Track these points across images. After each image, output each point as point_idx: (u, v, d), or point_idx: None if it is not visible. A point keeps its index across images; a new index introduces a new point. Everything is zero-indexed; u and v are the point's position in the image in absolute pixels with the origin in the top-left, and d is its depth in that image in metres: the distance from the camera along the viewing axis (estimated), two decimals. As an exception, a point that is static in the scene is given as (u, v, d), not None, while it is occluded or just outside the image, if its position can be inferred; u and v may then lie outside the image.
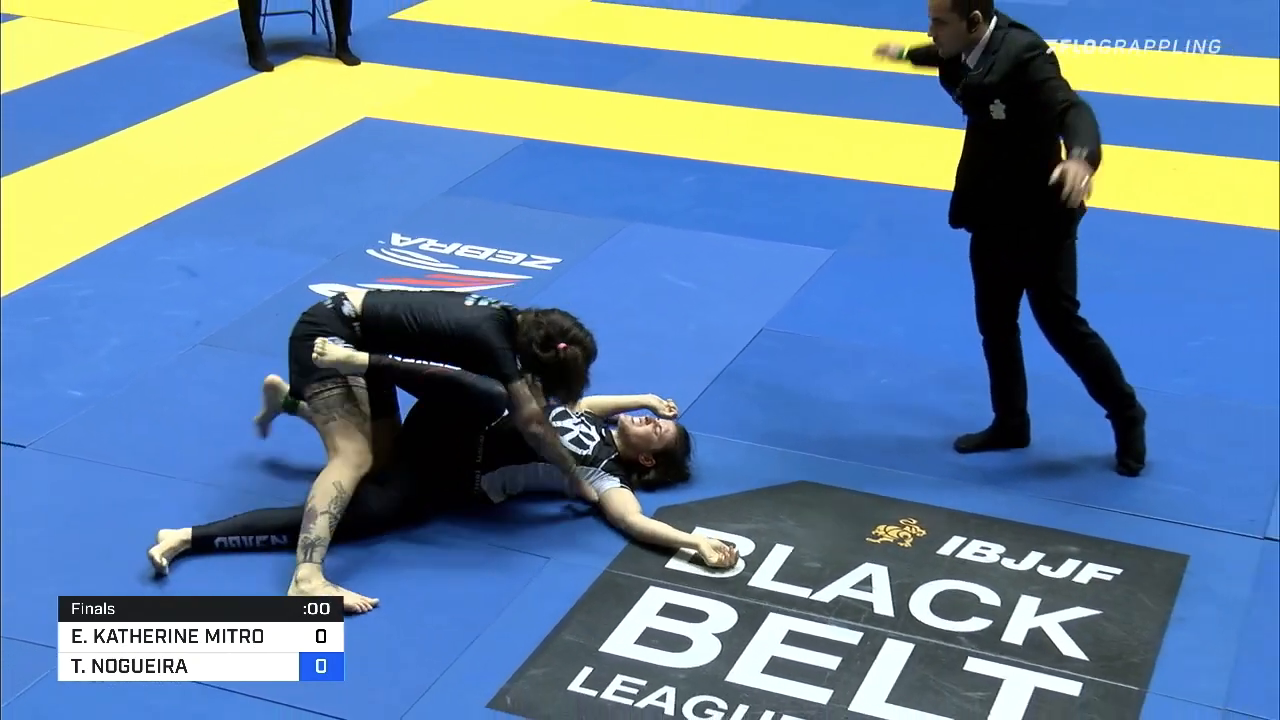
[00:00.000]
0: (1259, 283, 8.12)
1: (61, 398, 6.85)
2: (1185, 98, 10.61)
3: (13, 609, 5.47)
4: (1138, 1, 12.62)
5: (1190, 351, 7.43)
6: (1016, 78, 6.03)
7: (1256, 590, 5.75)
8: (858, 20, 12.26)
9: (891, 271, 8.15)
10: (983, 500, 6.25)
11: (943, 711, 5.09)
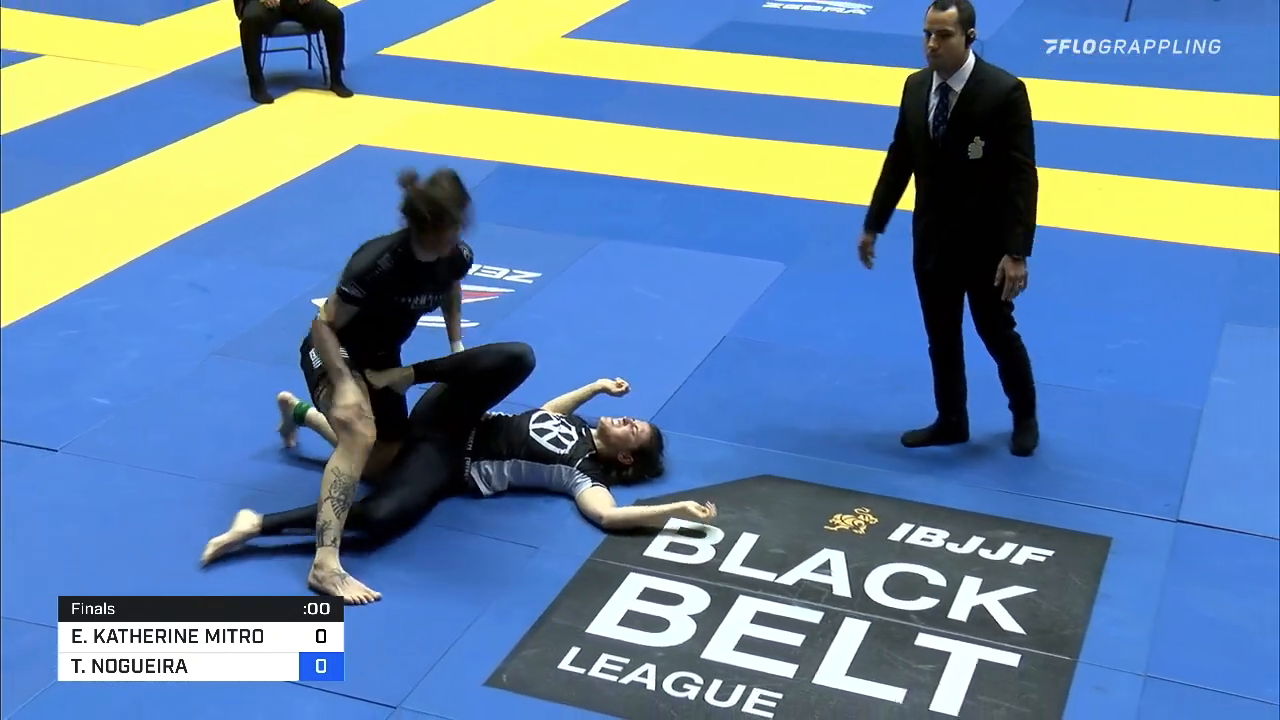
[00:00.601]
0: (1172, 292, 8.17)
1: (88, 405, 6.85)
2: (1107, 125, 10.71)
3: (45, 599, 5.39)
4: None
5: (1111, 353, 7.47)
6: (1005, 115, 6.04)
7: (1171, 568, 5.82)
8: (803, 54, 12.31)
9: (840, 283, 8.13)
10: (928, 490, 6.30)
11: (897, 683, 5.15)
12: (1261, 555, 5.92)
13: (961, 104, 6.09)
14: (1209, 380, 7.23)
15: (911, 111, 6.30)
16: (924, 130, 6.21)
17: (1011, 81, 6.08)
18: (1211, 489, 6.34)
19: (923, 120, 6.22)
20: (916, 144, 6.29)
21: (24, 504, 6.12)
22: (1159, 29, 12.97)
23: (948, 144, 6.14)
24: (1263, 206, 9.28)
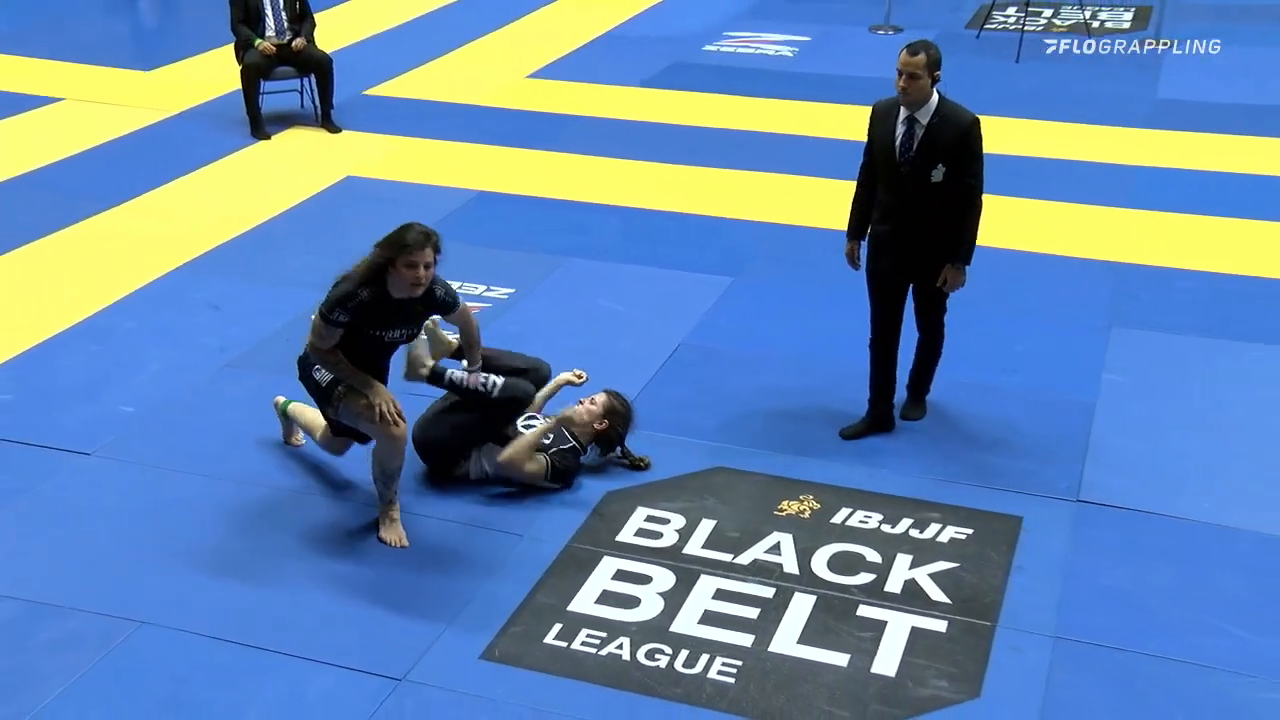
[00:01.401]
0: (1064, 300, 8.22)
1: (115, 413, 6.82)
2: (1000, 153, 10.75)
3: (85, 587, 5.52)
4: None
5: (1015, 355, 7.50)
6: (963, 148, 6.19)
7: (1073, 542, 5.88)
8: (739, 91, 12.31)
9: (781, 294, 8.16)
10: (864, 479, 6.32)
11: (841, 649, 5.20)
12: (1150, 529, 6.00)
13: (927, 135, 6.22)
14: (1100, 377, 7.27)
15: (880, 137, 6.41)
16: (891, 154, 6.33)
17: (970, 117, 6.24)
18: (1106, 472, 6.40)
19: (891, 146, 6.33)
20: (882, 165, 6.39)
21: (62, 502, 6.12)
22: (1046, 69, 13.13)
23: (914, 168, 6.27)
24: (1138, 225, 9.35)
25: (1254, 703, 4.99)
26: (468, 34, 14.24)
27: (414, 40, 13.98)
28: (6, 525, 5.94)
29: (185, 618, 5.34)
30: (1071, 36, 14.30)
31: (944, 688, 5.03)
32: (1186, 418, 6.90)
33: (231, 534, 5.89)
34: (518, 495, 6.17)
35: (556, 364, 7.11)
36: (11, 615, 5.33)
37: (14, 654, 5.12)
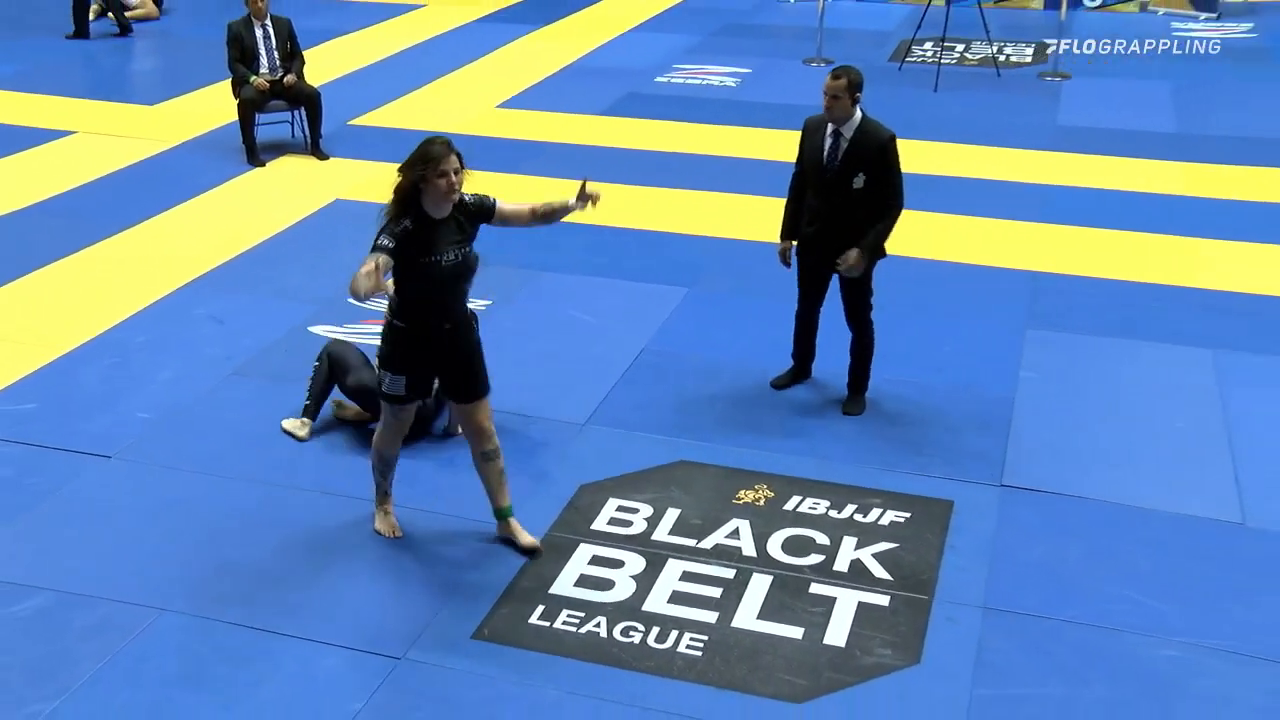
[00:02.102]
0: (983, 305, 8.25)
1: (132, 419, 6.76)
2: (922, 173, 10.83)
3: (112, 578, 5.49)
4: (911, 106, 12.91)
5: (942, 355, 7.53)
6: (881, 159, 6.38)
7: (998, 522, 5.93)
8: (688, 118, 12.34)
9: (731, 302, 8.18)
10: (813, 469, 6.35)
11: (796, 623, 5.23)
12: (1066, 510, 6.05)
13: (850, 148, 6.41)
14: (1018, 374, 7.31)
15: (809, 148, 6.59)
16: (819, 163, 6.50)
17: (887, 133, 6.43)
18: (1026, 459, 6.44)
19: (819, 156, 6.50)
20: (811, 173, 6.56)
21: (87, 501, 6.08)
22: (960, 98, 13.19)
23: (838, 176, 6.44)
24: (1046, 237, 9.40)
25: (1155, 659, 5.08)
26: (442, 68, 14.19)
27: (394, 75, 13.92)
28: (38, 523, 5.90)
29: (202, 604, 5.32)
30: (981, 69, 14.41)
31: (888, 655, 5.07)
32: (1095, 409, 6.95)
33: (241, 528, 5.86)
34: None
35: (531, 367, 7.22)
36: (46, 604, 5.31)
37: (51, 640, 5.10)
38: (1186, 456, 6.48)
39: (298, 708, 4.79)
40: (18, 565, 5.57)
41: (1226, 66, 14.42)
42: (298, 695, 4.84)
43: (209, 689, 4.87)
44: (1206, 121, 12.33)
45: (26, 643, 5.09)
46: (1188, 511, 6.03)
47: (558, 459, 6.42)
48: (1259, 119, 12.36)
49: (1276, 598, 5.44)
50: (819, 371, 7.17)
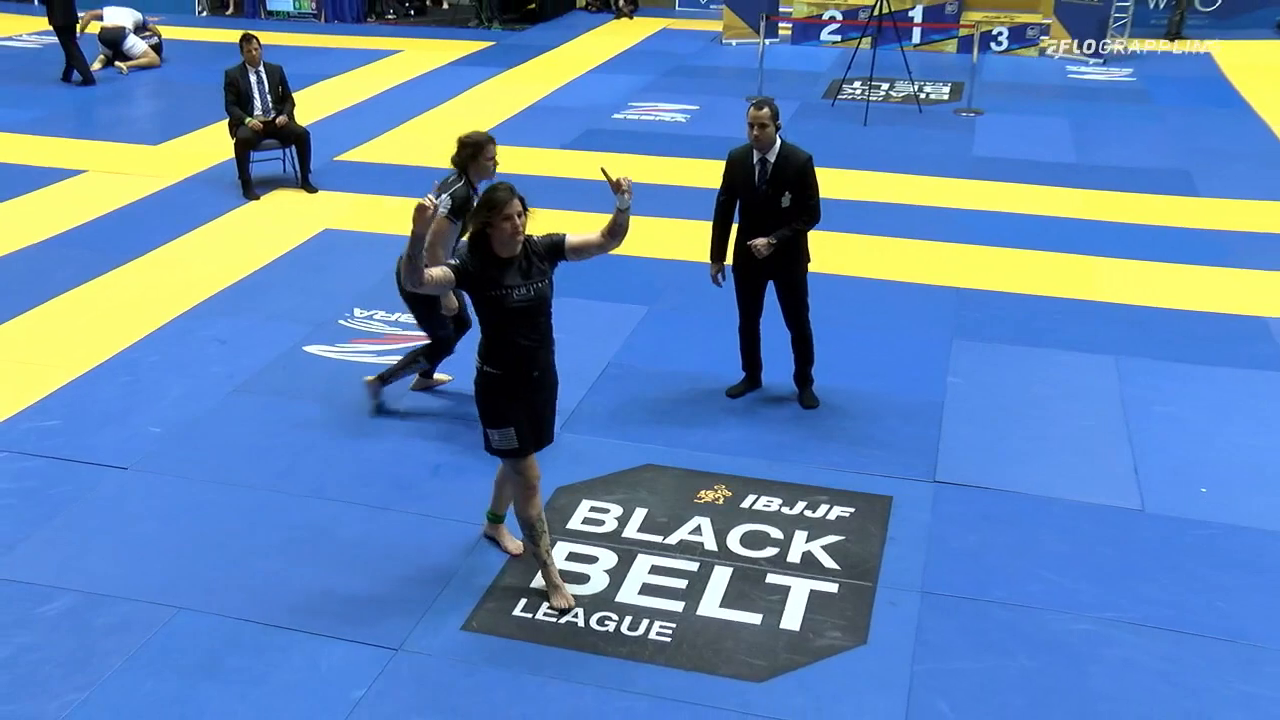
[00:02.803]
0: (914, 317, 8.30)
1: (145, 433, 6.71)
2: (855, 199, 10.91)
3: (132, 579, 5.46)
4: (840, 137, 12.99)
5: (877, 363, 7.56)
6: (802, 178, 6.50)
7: (932, 515, 5.97)
8: (643, 151, 12.37)
9: (688, 320, 8.19)
10: (766, 470, 6.37)
11: (755, 610, 5.26)
12: (991, 502, 6.10)
13: (775, 170, 6.53)
14: (946, 380, 7.36)
15: (740, 175, 6.69)
16: (751, 187, 6.60)
17: (805, 155, 6.60)
18: (955, 457, 6.49)
19: (750, 180, 6.60)
20: (744, 195, 6.67)
21: (107, 509, 6.03)
22: (887, 131, 13.28)
23: (768, 197, 6.57)
24: (966, 256, 9.47)
25: (1070, 633, 5.15)
26: (419, 108, 14.17)
27: (375, 114, 13.87)
28: (63, 529, 5.85)
29: (215, 602, 5.29)
30: (905, 105, 14.50)
31: (837, 637, 5.10)
32: (1014, 411, 7.00)
33: (247, 531, 5.83)
34: (485, 491, 6.09)
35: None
36: (74, 604, 5.27)
37: (78, 636, 5.08)
38: (1093, 452, 6.55)
39: (305, 695, 4.77)
40: (46, 568, 5.53)
41: (1113, 105, 14.60)
42: (305, 684, 4.82)
43: (224, 680, 4.84)
44: (1100, 153, 12.47)
45: (56, 639, 5.06)
46: (1095, 501, 6.10)
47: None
48: (1144, 151, 12.54)
49: (1173, 575, 5.53)
50: (768, 380, 7.20)
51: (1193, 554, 5.68)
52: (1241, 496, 6.14)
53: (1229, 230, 10.06)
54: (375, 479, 6.24)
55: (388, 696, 4.77)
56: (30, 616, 5.20)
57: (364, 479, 6.24)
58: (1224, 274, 9.07)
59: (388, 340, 7.86)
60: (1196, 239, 9.86)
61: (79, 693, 4.77)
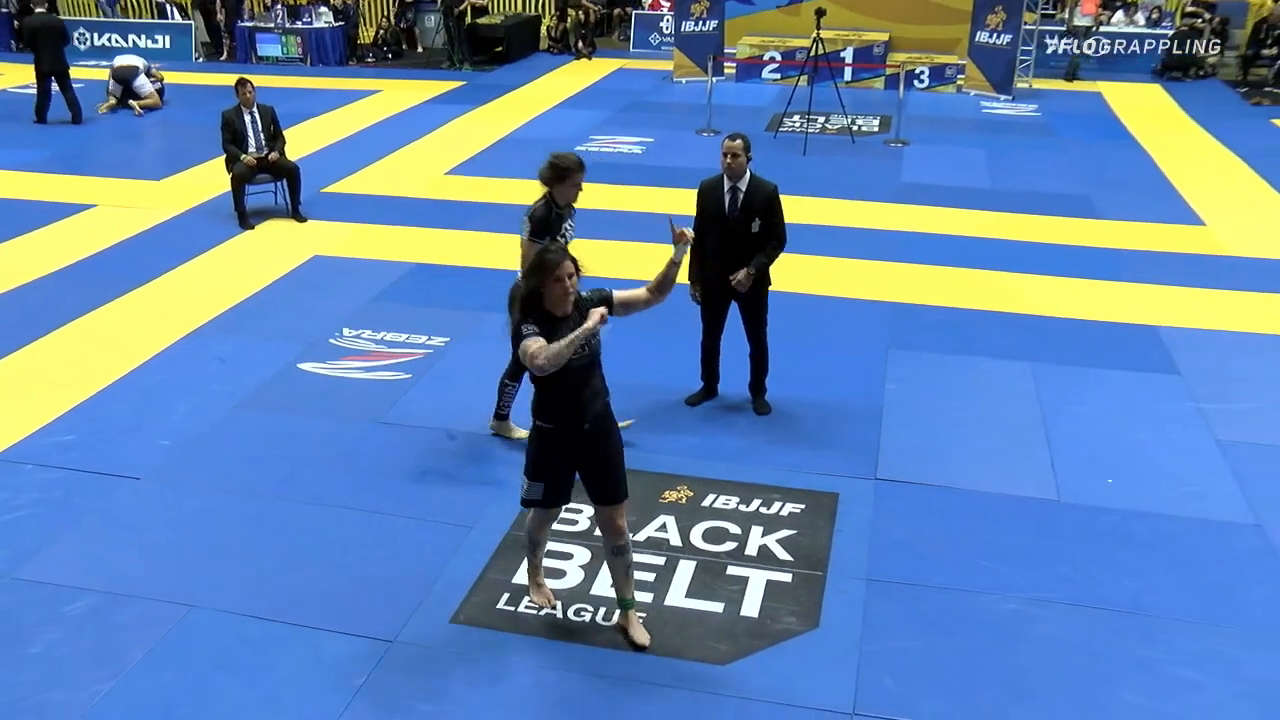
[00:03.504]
0: (854, 330, 8.33)
1: (155, 446, 6.64)
2: (796, 222, 10.95)
3: (148, 580, 5.41)
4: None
5: (822, 372, 7.58)
6: (770, 206, 6.53)
7: (875, 509, 5.99)
8: (605, 180, 12.32)
9: (648, 335, 8.01)
10: (724, 471, 6.37)
11: (717, 599, 5.27)
12: (928, 496, 6.15)
13: (746, 198, 6.54)
14: (884, 386, 7.40)
15: (711, 203, 6.67)
16: (722, 214, 6.58)
17: (772, 185, 6.62)
18: (895, 456, 6.52)
19: (721, 208, 6.59)
20: (715, 223, 6.61)
21: (123, 516, 5.98)
22: (824, 160, 13.33)
23: (739, 223, 6.56)
24: (900, 273, 9.53)
25: (1000, 612, 5.20)
26: (398, 143, 14.09)
27: (358, 149, 13.79)
28: (84, 536, 5.79)
29: (224, 600, 5.25)
30: (839, 137, 14.58)
31: (793, 622, 5.12)
32: (945, 413, 7.05)
33: (252, 535, 5.78)
34: (469, 495, 6.11)
35: (485, 393, 7.06)
36: (96, 603, 5.24)
37: (101, 632, 5.05)
38: (1015, 449, 6.61)
39: (309, 684, 4.74)
40: (70, 570, 5.48)
41: (1021, 137, 14.72)
42: (309, 673, 4.80)
43: (235, 670, 4.81)
44: (1012, 179, 12.57)
45: (82, 635, 5.03)
46: (1018, 493, 6.15)
47: (514, 469, 6.25)
48: (1049, 178, 12.66)
49: (1086, 557, 5.61)
50: (724, 390, 7.21)
51: (1102, 538, 5.76)
52: (1141, 485, 6.24)
53: (1124, 249, 10.19)
54: (367, 486, 6.20)
55: (385, 684, 4.75)
56: (58, 615, 5.16)
57: (357, 486, 6.20)
58: (1121, 288, 9.19)
59: (374, 357, 7.82)
60: (1097, 256, 9.99)
61: (105, 683, 4.74)
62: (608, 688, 4.72)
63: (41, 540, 5.73)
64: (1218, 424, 6.92)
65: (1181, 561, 5.57)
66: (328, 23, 19.82)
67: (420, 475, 6.32)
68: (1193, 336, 8.22)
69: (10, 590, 5.35)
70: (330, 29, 19.77)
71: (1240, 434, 6.79)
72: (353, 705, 4.63)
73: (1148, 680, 4.80)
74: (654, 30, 21.51)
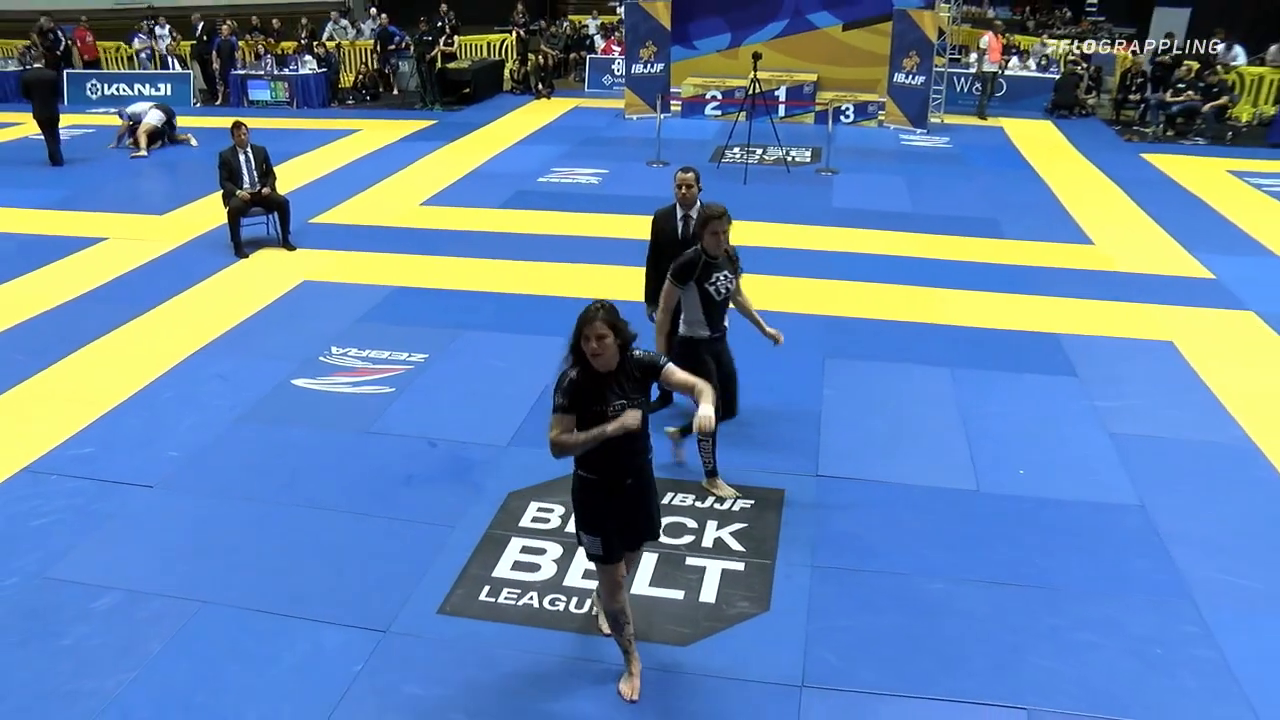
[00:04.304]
0: (794, 341, 8.13)
1: (165, 457, 6.58)
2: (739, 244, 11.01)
3: (163, 578, 5.37)
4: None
5: (768, 380, 7.55)
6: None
7: (817, 503, 6.03)
8: (564, 209, 12.34)
9: None
10: (681, 471, 6.38)
11: (678, 587, 5.29)
12: (864, 490, 6.19)
13: (698, 225, 6.27)
14: (822, 392, 7.45)
15: (667, 231, 6.61)
16: (676, 240, 6.51)
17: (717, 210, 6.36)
18: (833, 456, 6.56)
19: (675, 234, 6.53)
20: (669, 248, 6.49)
21: (139, 521, 5.93)
22: (763, 188, 13.39)
23: (686, 244, 6.37)
24: (832, 290, 9.60)
25: (929, 591, 5.28)
26: (376, 177, 13.98)
27: (341, 183, 13.67)
28: (106, 539, 5.74)
29: (232, 596, 5.23)
30: (775, 167, 14.65)
31: (746, 606, 5.15)
32: (876, 415, 7.10)
33: (255, 536, 5.75)
34: (450, 497, 6.09)
35: (463, 404, 7.07)
36: (118, 601, 5.22)
37: (123, 626, 5.04)
38: (939, 445, 6.69)
39: (312, 671, 4.74)
40: (94, 570, 5.45)
41: (937, 166, 14.86)
42: (311, 662, 4.79)
43: (245, 660, 4.80)
44: (930, 204, 12.68)
45: (107, 628, 5.01)
46: (942, 485, 6.23)
47: (490, 473, 6.37)
48: (962, 203, 12.79)
49: (1002, 540, 5.70)
50: (679, 399, 7.20)
51: (1016, 523, 5.86)
52: (1047, 475, 6.35)
53: (1027, 265, 10.32)
54: (358, 490, 6.17)
55: (381, 670, 4.75)
56: (86, 611, 5.13)
57: (349, 491, 6.17)
58: (1026, 300, 9.33)
59: (361, 373, 7.77)
60: (1005, 272, 10.13)
61: (130, 672, 4.73)
62: (581, 670, 4.74)
63: (69, 543, 5.68)
64: (1109, 419, 7.06)
65: (1081, 541, 5.69)
66: (312, 69, 19.70)
67: (405, 480, 6.30)
68: (1087, 342, 8.38)
69: (43, 589, 5.30)
70: (314, 75, 19.65)
71: (1128, 427, 6.94)
72: (352, 689, 4.63)
73: (1054, 646, 4.91)
74: (606, 72, 21.55)
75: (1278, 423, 7.07)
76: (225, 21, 20.58)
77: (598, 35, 23.75)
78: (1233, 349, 8.32)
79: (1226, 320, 8.94)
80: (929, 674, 4.73)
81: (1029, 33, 24.15)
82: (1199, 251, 10.84)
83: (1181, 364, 8.02)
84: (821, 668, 4.76)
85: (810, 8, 18.43)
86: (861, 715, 4.52)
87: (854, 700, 4.59)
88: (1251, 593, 5.30)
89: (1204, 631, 5.02)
